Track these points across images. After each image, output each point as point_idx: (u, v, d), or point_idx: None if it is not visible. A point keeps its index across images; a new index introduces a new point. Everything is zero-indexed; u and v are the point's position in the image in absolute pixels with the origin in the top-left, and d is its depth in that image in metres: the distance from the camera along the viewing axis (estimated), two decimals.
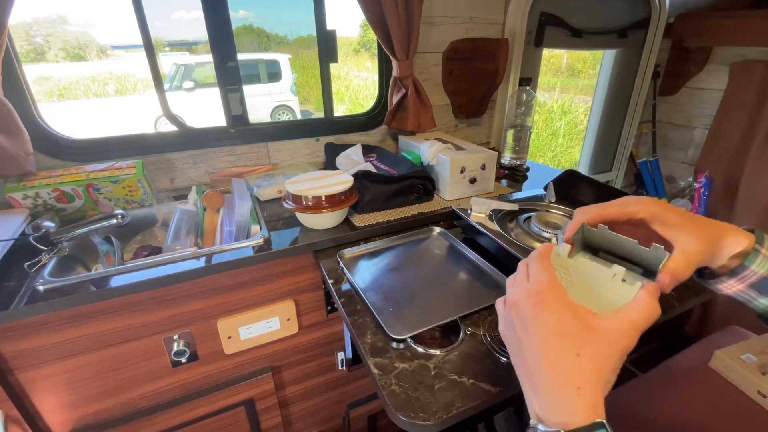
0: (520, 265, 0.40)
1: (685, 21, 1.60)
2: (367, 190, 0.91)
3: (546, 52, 1.43)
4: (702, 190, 1.67)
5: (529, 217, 0.81)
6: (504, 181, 1.19)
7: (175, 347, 0.79)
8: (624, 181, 1.98)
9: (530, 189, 1.09)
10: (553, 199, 0.92)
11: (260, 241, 0.81)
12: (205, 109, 5.28)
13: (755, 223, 0.42)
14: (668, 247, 0.37)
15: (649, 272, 0.39)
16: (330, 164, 1.14)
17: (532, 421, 0.34)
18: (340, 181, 0.85)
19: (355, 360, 0.98)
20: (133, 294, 0.71)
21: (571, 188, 0.95)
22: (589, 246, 0.43)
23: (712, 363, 0.81)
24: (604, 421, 0.30)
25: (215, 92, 1.08)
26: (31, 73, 7.92)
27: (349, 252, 0.81)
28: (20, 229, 0.79)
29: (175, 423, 0.86)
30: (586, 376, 0.32)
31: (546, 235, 0.74)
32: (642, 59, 1.63)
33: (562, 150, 4.03)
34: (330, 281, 0.73)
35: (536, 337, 0.34)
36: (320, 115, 1.25)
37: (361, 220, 0.89)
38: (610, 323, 0.33)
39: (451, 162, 0.96)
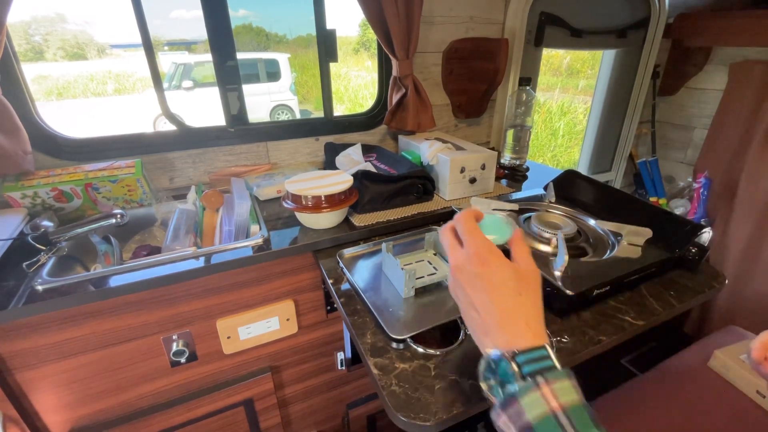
0: (445, 231, 0.45)
1: (684, 21, 1.61)
2: (366, 190, 0.91)
3: (546, 52, 1.44)
4: (701, 190, 1.67)
5: (529, 217, 0.81)
6: (504, 181, 1.19)
7: (174, 347, 0.79)
8: (623, 181, 1.98)
9: (530, 189, 1.09)
10: (553, 199, 0.93)
11: (259, 240, 0.81)
12: (204, 109, 5.27)
13: (754, 223, 0.42)
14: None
15: None
16: (330, 164, 1.14)
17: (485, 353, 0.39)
18: (339, 180, 0.85)
19: (355, 360, 0.98)
20: (131, 294, 0.71)
21: (570, 188, 0.95)
22: None
23: (711, 363, 0.82)
24: (546, 344, 0.36)
25: (214, 91, 1.08)
26: (30, 72, 7.89)
27: (348, 252, 0.81)
28: (18, 228, 0.79)
29: (174, 423, 0.86)
30: (529, 311, 0.39)
31: (546, 235, 0.74)
32: (641, 59, 1.63)
33: (561, 150, 4.03)
34: (330, 281, 0.73)
35: (485, 289, 0.39)
36: (320, 114, 1.25)
37: (360, 220, 0.89)
38: (528, 266, 0.41)
39: (450, 162, 0.96)
